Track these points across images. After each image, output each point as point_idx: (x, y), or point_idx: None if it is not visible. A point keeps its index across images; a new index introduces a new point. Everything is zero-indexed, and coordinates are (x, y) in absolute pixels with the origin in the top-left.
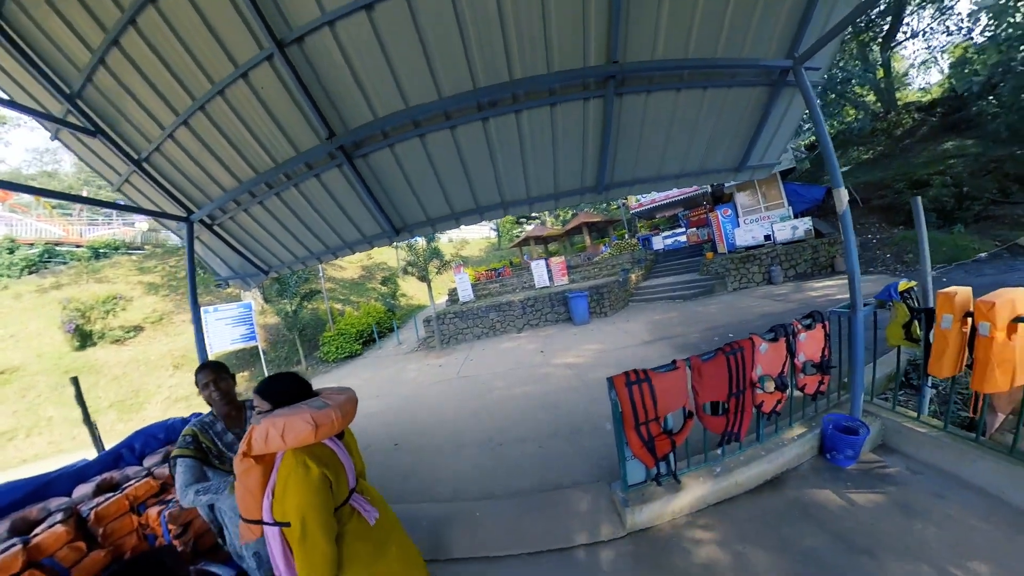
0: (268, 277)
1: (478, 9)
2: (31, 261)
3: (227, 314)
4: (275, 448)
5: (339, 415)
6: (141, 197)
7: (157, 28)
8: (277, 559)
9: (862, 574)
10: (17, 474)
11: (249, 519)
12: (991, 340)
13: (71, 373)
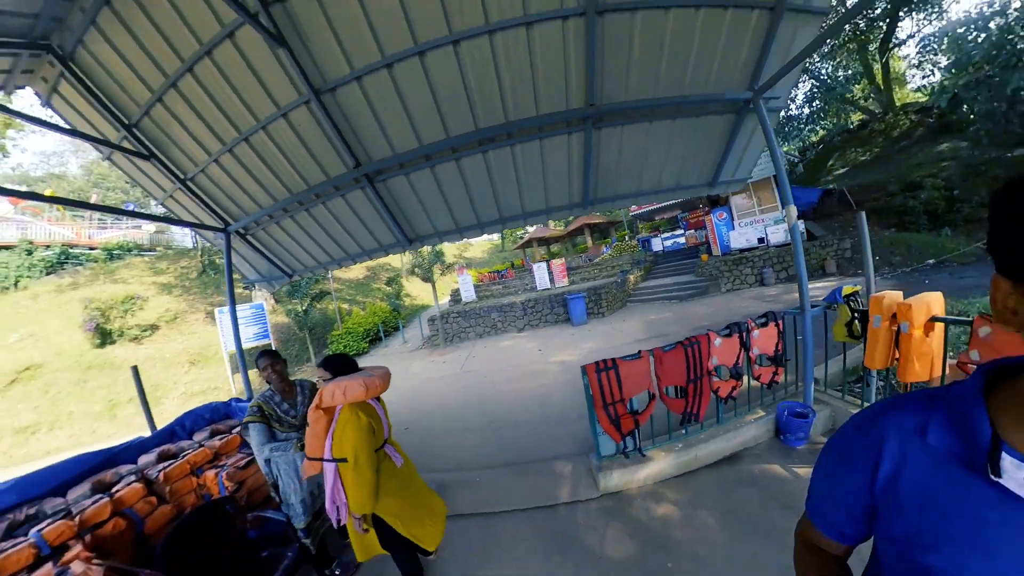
0: (291, 280)
1: (478, 65)
2: (49, 262)
3: (241, 314)
4: (338, 402)
5: (380, 382)
6: (182, 210)
7: (211, 75)
8: (329, 489)
9: (783, 521)
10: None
11: (313, 457)
12: (910, 337)
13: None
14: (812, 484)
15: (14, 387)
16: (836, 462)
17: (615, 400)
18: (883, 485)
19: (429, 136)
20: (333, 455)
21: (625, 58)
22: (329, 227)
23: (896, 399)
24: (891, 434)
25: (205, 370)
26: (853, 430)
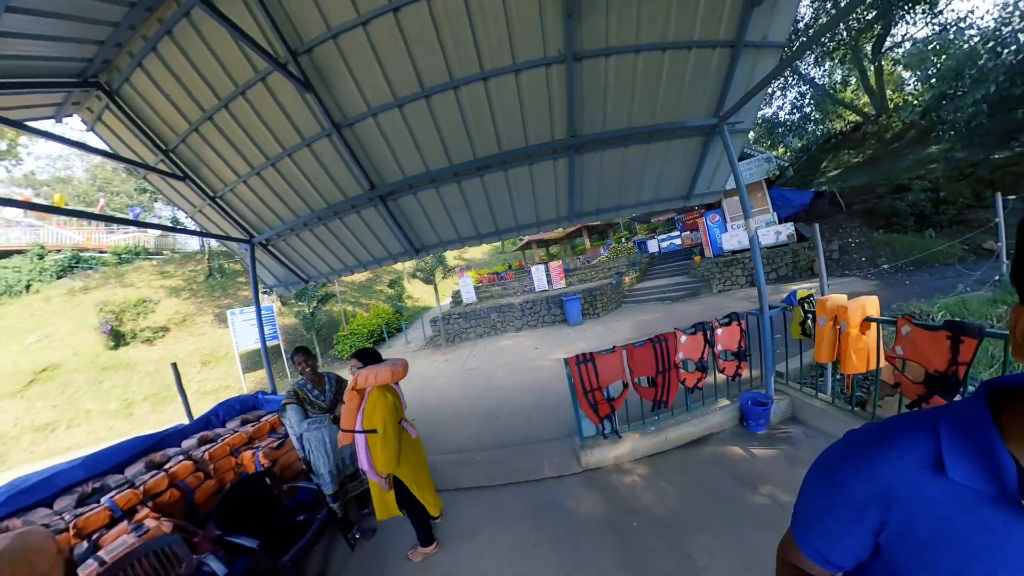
0: (307, 285)
1: (475, 105)
2: (60, 266)
3: (251, 316)
4: (369, 384)
5: (402, 369)
6: (208, 222)
7: (244, 110)
8: (361, 454)
9: (741, 496)
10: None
11: (347, 429)
12: (848, 334)
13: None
14: (801, 509)
15: (33, 387)
16: (831, 499)
17: (593, 388)
18: (890, 530)
19: (434, 163)
20: (363, 427)
21: (601, 95)
22: (344, 238)
23: (892, 427)
24: (898, 476)
25: (216, 370)
26: (853, 473)
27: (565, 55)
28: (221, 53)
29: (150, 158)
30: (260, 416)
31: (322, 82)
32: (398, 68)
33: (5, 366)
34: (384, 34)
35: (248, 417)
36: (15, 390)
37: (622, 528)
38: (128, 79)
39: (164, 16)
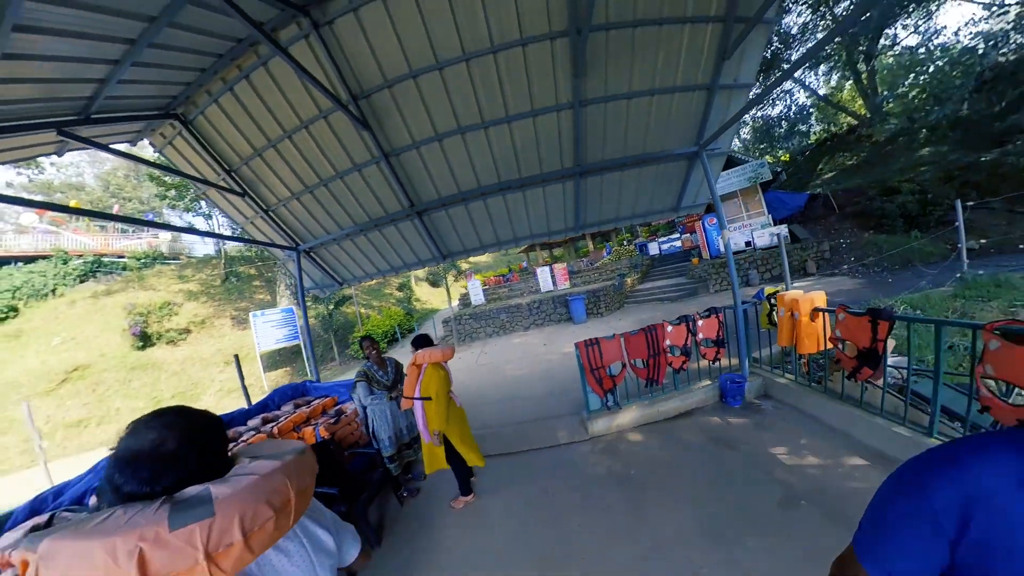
0: (341, 287)
1: (500, 141)
2: (82, 271)
3: (272, 318)
4: (425, 362)
5: (450, 351)
6: (256, 231)
7: (305, 140)
8: (419, 417)
9: (717, 453)
10: (98, 454)
11: (408, 396)
12: (800, 322)
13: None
14: (870, 520)
15: (64, 386)
16: (909, 506)
17: (598, 367)
18: (971, 548)
19: (465, 185)
20: (420, 395)
21: (601, 131)
22: (380, 247)
23: (985, 440)
24: (987, 487)
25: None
26: (939, 479)
27: (573, 103)
28: (290, 94)
29: (212, 176)
30: (309, 400)
31: (376, 120)
32: (440, 111)
33: (36, 366)
34: (430, 85)
35: (299, 401)
36: (47, 389)
37: (622, 476)
38: (203, 112)
39: (244, 64)
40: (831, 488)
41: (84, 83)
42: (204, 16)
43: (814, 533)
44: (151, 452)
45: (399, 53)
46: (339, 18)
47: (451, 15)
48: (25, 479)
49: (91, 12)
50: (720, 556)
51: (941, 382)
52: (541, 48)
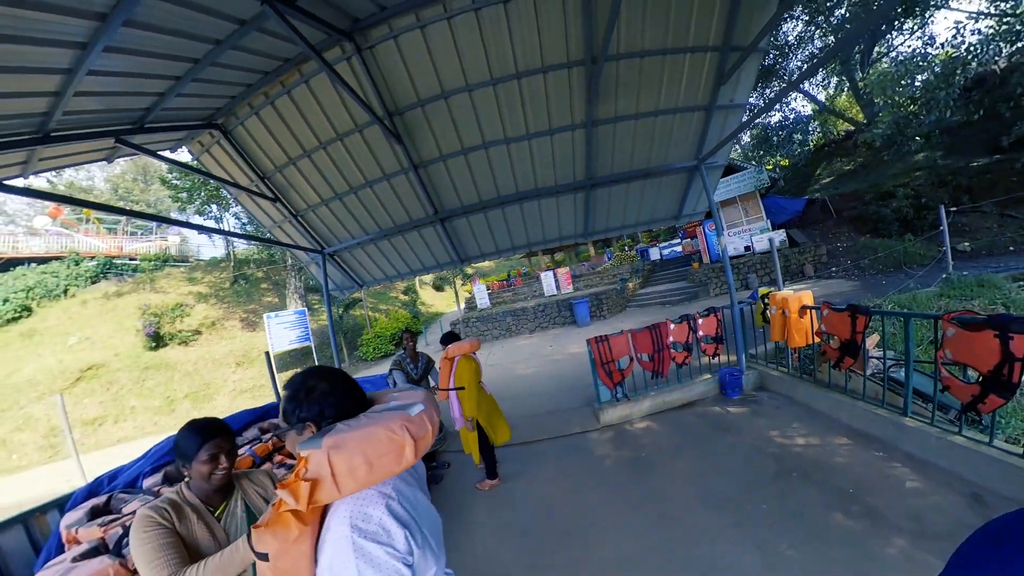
0: (361, 289)
1: (520, 155)
2: (95, 272)
3: (286, 319)
4: (457, 354)
5: (477, 343)
6: (281, 233)
7: (339, 151)
8: (453, 405)
9: (718, 437)
10: (116, 450)
11: (443, 388)
12: (790, 319)
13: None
14: None
15: (79, 384)
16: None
17: (608, 361)
18: None
19: (486, 194)
20: (454, 385)
21: (610, 148)
22: (402, 250)
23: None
24: None
25: (250, 371)
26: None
27: (586, 122)
28: (328, 108)
29: (245, 182)
30: None
31: (408, 135)
32: (467, 128)
33: (52, 365)
34: (460, 105)
35: None
36: (63, 387)
37: (633, 458)
38: (243, 123)
39: (287, 81)
40: (819, 462)
41: (146, 96)
42: (264, 39)
43: (803, 498)
44: (340, 383)
45: (433, 76)
46: (380, 44)
47: (482, 45)
48: (43, 474)
49: (168, 36)
50: (725, 520)
51: (913, 368)
52: (560, 75)
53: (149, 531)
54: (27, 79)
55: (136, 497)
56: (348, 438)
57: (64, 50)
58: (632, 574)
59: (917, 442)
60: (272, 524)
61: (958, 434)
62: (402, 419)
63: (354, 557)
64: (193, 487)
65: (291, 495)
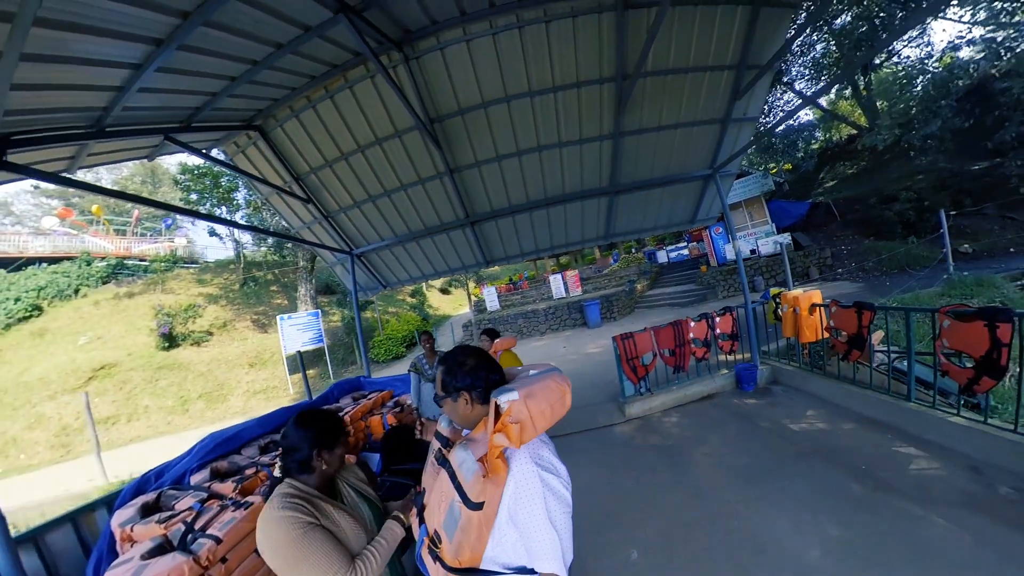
0: (385, 290)
1: (551, 162)
2: (105, 272)
3: (299, 321)
4: (500, 349)
5: (515, 339)
6: (309, 233)
7: (377, 155)
8: None
9: (738, 425)
10: (131, 450)
11: None
12: (801, 316)
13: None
14: None
15: (91, 383)
16: None
17: (632, 357)
18: None
19: (516, 199)
20: None
21: (634, 157)
22: (429, 252)
23: None
24: None
25: (263, 371)
26: None
27: (614, 133)
28: (370, 113)
29: (278, 180)
30: (365, 394)
31: (446, 141)
32: (503, 137)
33: (65, 363)
34: (498, 115)
35: (356, 395)
36: (75, 386)
37: (661, 445)
38: (282, 126)
39: (331, 86)
40: (833, 445)
41: (200, 95)
42: (319, 45)
43: (822, 474)
44: (485, 359)
45: (475, 87)
46: (427, 55)
47: (523, 60)
48: (56, 474)
49: (237, 37)
50: (752, 495)
51: (914, 360)
52: (592, 89)
53: (304, 532)
54: (95, 71)
55: (187, 494)
56: (534, 389)
57: (139, 45)
58: (680, 546)
59: (921, 424)
60: (492, 472)
61: (957, 415)
62: (558, 374)
63: (540, 487)
64: (310, 480)
65: (506, 437)
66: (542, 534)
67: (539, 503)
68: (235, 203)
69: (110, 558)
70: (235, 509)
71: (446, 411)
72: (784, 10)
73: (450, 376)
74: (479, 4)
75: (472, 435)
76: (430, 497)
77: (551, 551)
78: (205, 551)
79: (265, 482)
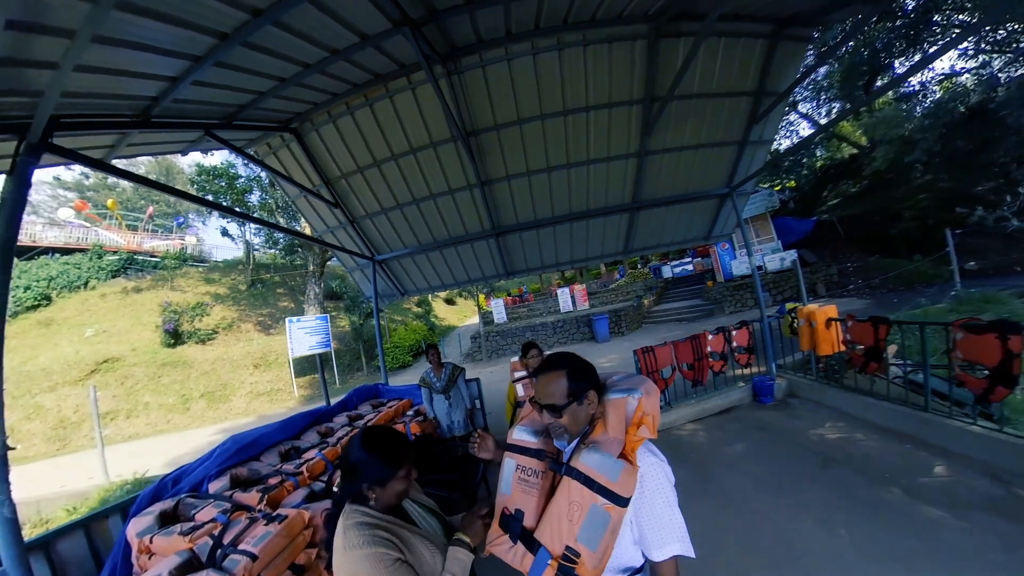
0: (403, 297)
1: (579, 178)
2: (115, 266)
3: (307, 324)
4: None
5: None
6: (332, 237)
7: (410, 164)
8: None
9: (760, 436)
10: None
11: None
12: (817, 330)
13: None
14: None
15: (93, 376)
16: None
17: (653, 370)
18: None
19: (541, 213)
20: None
21: (657, 175)
22: (451, 261)
23: None
24: None
25: (267, 373)
26: None
27: (639, 152)
28: (407, 123)
29: (308, 183)
30: (384, 402)
31: (480, 154)
32: (535, 153)
33: (68, 355)
34: (531, 132)
35: (374, 403)
36: (77, 378)
37: (684, 457)
38: (318, 130)
39: (371, 95)
40: (855, 454)
41: (247, 93)
42: (370, 54)
43: (848, 482)
44: (585, 361)
45: (512, 104)
46: (469, 71)
47: (559, 80)
48: (52, 467)
49: (298, 38)
50: (783, 503)
51: (929, 371)
52: (622, 110)
53: (395, 569)
54: (153, 59)
55: (207, 503)
56: (648, 387)
57: (205, 37)
58: (717, 551)
59: (939, 434)
60: (635, 464)
61: (974, 424)
62: (650, 379)
63: (664, 473)
64: (381, 506)
65: (648, 428)
66: (671, 517)
67: (666, 488)
68: (248, 205)
69: (125, 569)
70: (267, 523)
71: (566, 419)
72: (800, 43)
73: (575, 381)
74: (525, 26)
75: (593, 437)
76: (543, 515)
77: (679, 532)
78: (241, 569)
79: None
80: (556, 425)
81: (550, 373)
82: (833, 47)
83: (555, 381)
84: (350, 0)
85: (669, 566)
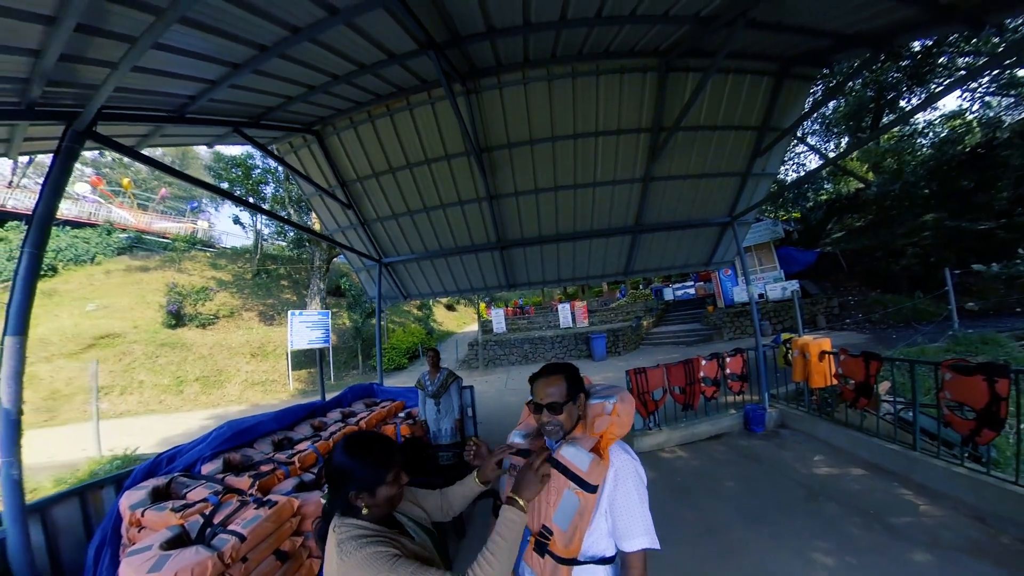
0: (406, 300)
1: (584, 199)
2: (123, 244)
3: (309, 318)
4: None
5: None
6: (341, 237)
7: (424, 173)
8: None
9: (748, 465)
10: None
11: None
12: (811, 362)
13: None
14: None
15: (91, 351)
16: None
17: (644, 391)
18: None
19: (546, 230)
20: None
21: (659, 200)
22: (455, 269)
23: None
24: None
25: (264, 363)
26: None
27: (644, 178)
28: (424, 135)
29: (324, 183)
30: (377, 401)
31: (491, 170)
32: (543, 172)
33: (68, 327)
34: (542, 152)
35: (368, 402)
36: (75, 351)
37: (669, 481)
38: (339, 134)
39: (393, 106)
40: (841, 488)
41: (278, 97)
42: (395, 70)
43: (831, 516)
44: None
45: (525, 125)
46: (486, 92)
47: (572, 106)
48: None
49: (334, 55)
50: (764, 533)
51: (919, 410)
52: (630, 137)
53: (392, 565)
54: (196, 64)
55: (199, 483)
56: (624, 395)
57: (246, 48)
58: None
59: (926, 473)
60: (604, 459)
61: (961, 465)
62: (627, 391)
63: (635, 470)
64: (373, 517)
65: (620, 427)
66: (638, 512)
67: (636, 484)
68: (262, 196)
69: (114, 539)
70: (257, 507)
71: (564, 416)
72: (805, 82)
73: (572, 384)
74: (543, 53)
75: (574, 435)
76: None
77: (645, 526)
78: (229, 548)
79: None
80: (553, 423)
81: (552, 376)
82: (838, 85)
83: (557, 383)
84: (381, 22)
85: (637, 558)
